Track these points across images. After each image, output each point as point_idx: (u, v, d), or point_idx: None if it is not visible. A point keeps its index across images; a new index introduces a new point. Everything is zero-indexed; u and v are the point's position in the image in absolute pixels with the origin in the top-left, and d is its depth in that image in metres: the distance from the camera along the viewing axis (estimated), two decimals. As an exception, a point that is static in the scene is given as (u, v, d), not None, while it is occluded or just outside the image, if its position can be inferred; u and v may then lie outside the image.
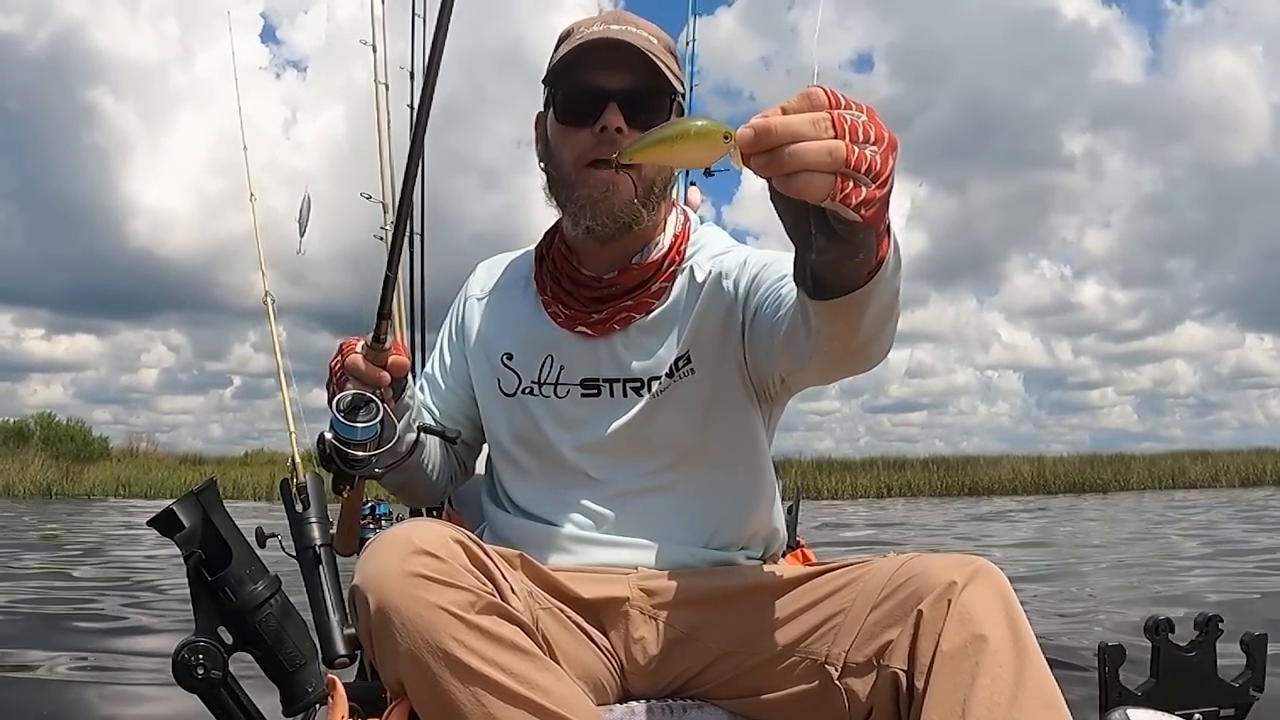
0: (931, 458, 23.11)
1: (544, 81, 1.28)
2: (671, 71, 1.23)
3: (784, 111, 0.71)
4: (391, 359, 1.18)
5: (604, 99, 1.20)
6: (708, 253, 1.31)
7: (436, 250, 1.41)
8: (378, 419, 1.16)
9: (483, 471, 1.46)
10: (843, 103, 0.72)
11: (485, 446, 1.43)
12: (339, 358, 1.21)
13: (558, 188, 1.27)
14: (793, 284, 0.98)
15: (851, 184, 0.71)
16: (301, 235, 2.30)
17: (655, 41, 1.24)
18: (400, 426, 1.24)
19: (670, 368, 1.25)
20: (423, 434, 1.30)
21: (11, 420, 25.74)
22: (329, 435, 1.17)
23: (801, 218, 0.79)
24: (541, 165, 1.31)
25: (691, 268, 1.29)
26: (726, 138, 0.72)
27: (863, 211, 0.73)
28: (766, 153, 0.71)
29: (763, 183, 0.75)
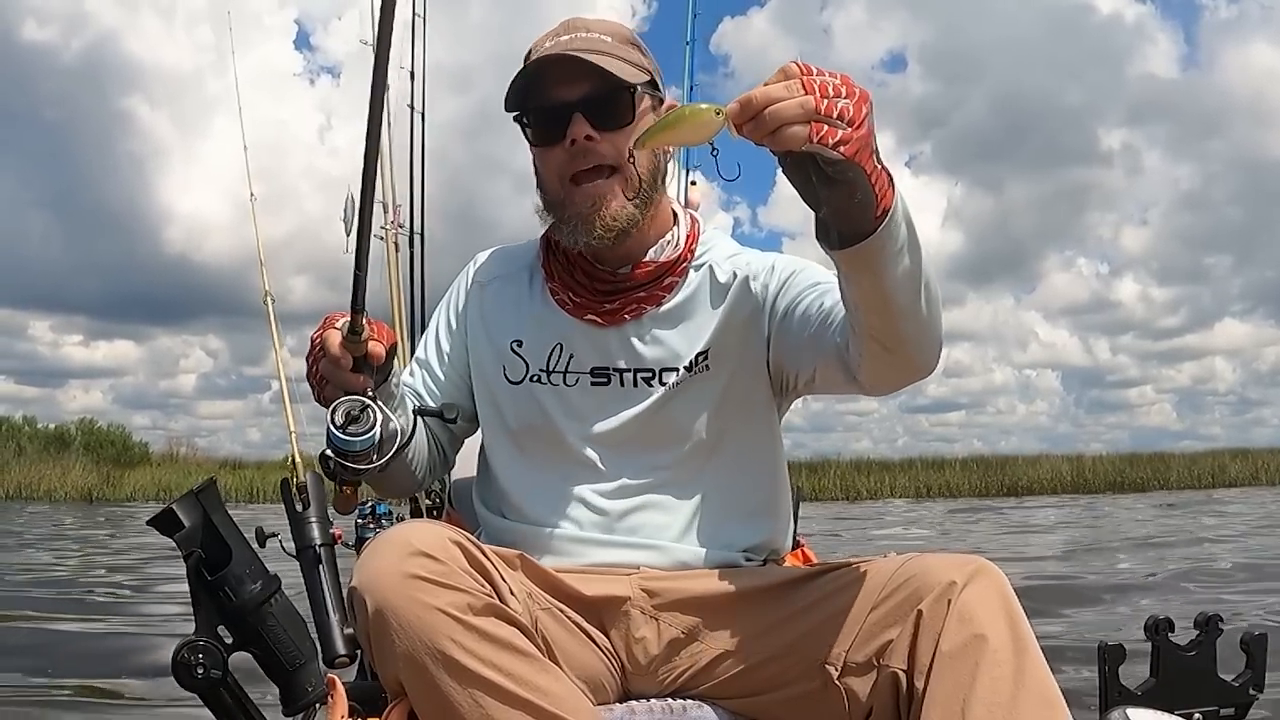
0: (970, 457, 22.83)
1: (506, 109, 1.27)
2: (630, 63, 1.23)
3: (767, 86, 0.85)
4: (370, 346, 1.15)
5: (567, 112, 1.21)
6: (722, 253, 1.31)
7: (473, 252, 1.43)
8: (374, 427, 1.15)
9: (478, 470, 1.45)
10: (814, 71, 0.86)
11: (479, 445, 1.41)
12: (320, 330, 1.19)
13: (551, 207, 1.28)
14: (836, 295, 1.10)
15: (826, 128, 0.85)
16: (348, 234, 2.30)
17: (608, 40, 1.24)
18: (392, 421, 1.22)
19: (690, 363, 1.26)
20: (419, 418, 1.29)
21: (52, 426, 25.70)
22: (329, 452, 1.16)
23: (806, 178, 0.90)
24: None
25: (711, 266, 1.30)
26: (718, 113, 0.87)
27: (841, 149, 0.85)
28: (752, 120, 0.85)
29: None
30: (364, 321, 1.14)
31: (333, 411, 1.15)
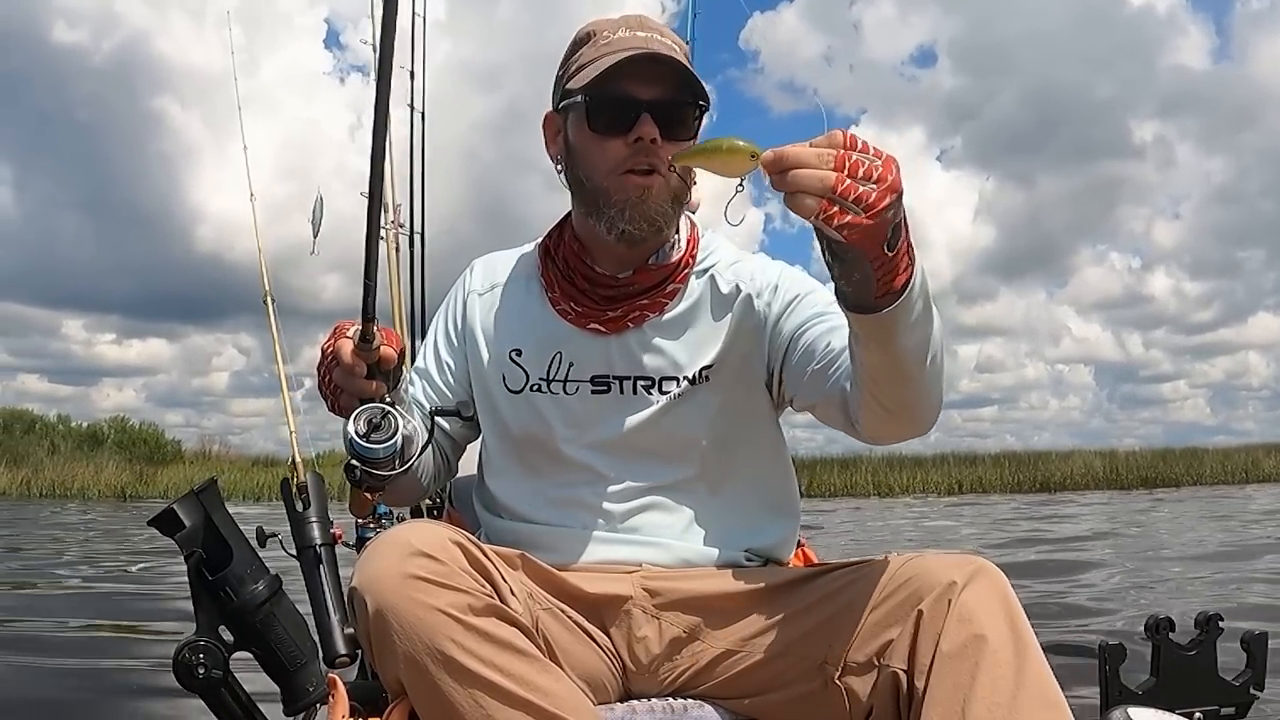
0: (1003, 453, 22.66)
1: (568, 87, 1.25)
2: (697, 80, 1.24)
3: (810, 146, 0.86)
4: (383, 351, 1.15)
5: (638, 110, 1.20)
6: (723, 260, 1.31)
7: (503, 247, 1.44)
8: (396, 433, 1.14)
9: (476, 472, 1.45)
10: (859, 146, 0.87)
11: (479, 450, 1.41)
12: (332, 340, 1.18)
13: (587, 194, 1.26)
14: (844, 334, 1.10)
15: (837, 209, 0.85)
16: (315, 235, 2.30)
17: (679, 50, 1.24)
18: (409, 426, 1.22)
19: (694, 375, 1.25)
20: (433, 421, 1.29)
21: (86, 424, 25.86)
22: (354, 461, 1.15)
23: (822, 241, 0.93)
24: (559, 169, 1.31)
25: (712, 276, 1.29)
26: (753, 156, 0.90)
27: (844, 233, 0.86)
28: (780, 173, 0.86)
29: None
30: (374, 329, 1.14)
31: (354, 420, 1.14)
